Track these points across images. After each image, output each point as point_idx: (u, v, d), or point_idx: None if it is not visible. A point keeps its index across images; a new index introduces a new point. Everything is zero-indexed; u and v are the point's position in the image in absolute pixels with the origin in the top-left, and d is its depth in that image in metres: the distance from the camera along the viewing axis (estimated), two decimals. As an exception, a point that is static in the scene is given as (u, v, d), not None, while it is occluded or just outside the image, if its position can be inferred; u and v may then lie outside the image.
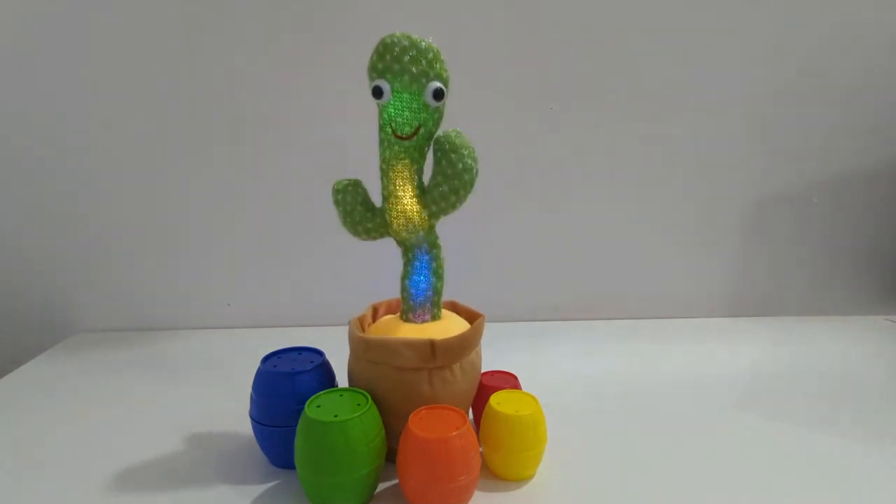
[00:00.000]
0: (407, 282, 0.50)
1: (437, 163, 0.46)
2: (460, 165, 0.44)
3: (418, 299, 0.50)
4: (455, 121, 0.46)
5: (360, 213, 0.49)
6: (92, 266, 0.81)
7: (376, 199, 0.49)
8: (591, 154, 0.81)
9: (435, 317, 0.51)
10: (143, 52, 0.73)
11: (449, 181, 0.45)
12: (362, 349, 0.47)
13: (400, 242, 0.50)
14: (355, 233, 0.50)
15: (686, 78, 0.78)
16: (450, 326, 0.50)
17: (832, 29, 0.77)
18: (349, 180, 0.49)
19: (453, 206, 0.46)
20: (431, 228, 0.49)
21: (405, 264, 0.50)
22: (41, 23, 0.71)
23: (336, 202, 0.49)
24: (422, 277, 0.49)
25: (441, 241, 0.49)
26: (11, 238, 0.79)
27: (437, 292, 0.50)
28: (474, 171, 0.45)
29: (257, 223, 0.81)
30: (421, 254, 0.49)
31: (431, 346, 0.45)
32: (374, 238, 0.50)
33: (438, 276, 0.49)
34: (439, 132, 0.46)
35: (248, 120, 0.76)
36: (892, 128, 0.82)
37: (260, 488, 0.46)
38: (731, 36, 0.77)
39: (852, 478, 0.48)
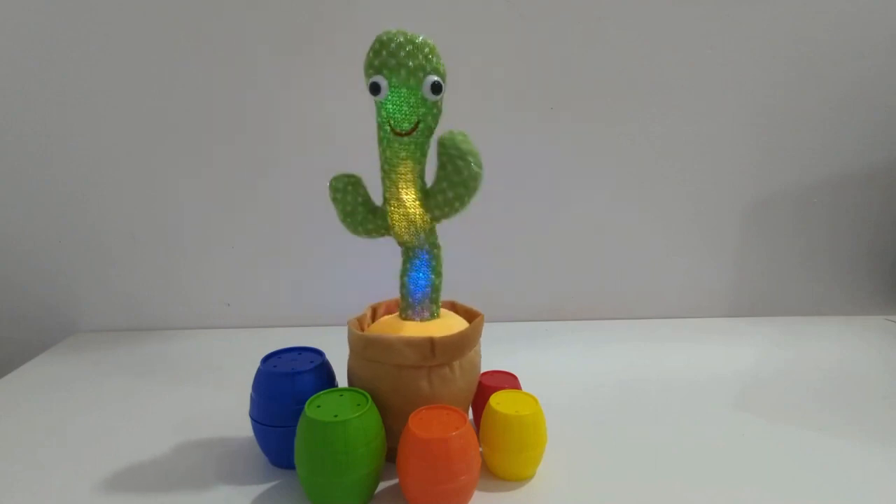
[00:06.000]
0: (406, 279, 0.50)
1: (442, 167, 0.45)
2: (467, 173, 0.44)
3: (417, 296, 0.50)
4: (455, 121, 0.46)
5: (362, 214, 0.49)
6: (92, 266, 0.81)
7: (375, 197, 0.49)
8: (590, 154, 0.81)
9: (434, 314, 0.50)
10: (143, 53, 0.73)
11: (455, 188, 0.45)
12: (361, 347, 0.47)
13: (401, 242, 0.50)
14: (355, 232, 0.50)
15: (685, 78, 0.78)
16: (449, 325, 0.50)
17: (832, 28, 0.77)
18: (347, 178, 0.48)
19: (457, 211, 0.46)
20: (432, 229, 0.49)
21: (404, 262, 0.50)
22: (42, 24, 0.71)
23: (334, 200, 0.48)
24: (421, 274, 0.49)
25: (441, 241, 0.49)
26: (12, 238, 0.79)
27: (436, 289, 0.50)
28: (480, 177, 0.44)
29: (257, 223, 0.81)
30: (421, 252, 0.49)
31: (431, 344, 0.45)
32: (375, 237, 0.50)
33: (437, 273, 0.49)
34: (445, 134, 0.45)
35: (247, 120, 0.76)
36: (892, 128, 0.82)
37: (260, 488, 0.46)
38: (730, 36, 0.77)
39: (852, 478, 0.48)
